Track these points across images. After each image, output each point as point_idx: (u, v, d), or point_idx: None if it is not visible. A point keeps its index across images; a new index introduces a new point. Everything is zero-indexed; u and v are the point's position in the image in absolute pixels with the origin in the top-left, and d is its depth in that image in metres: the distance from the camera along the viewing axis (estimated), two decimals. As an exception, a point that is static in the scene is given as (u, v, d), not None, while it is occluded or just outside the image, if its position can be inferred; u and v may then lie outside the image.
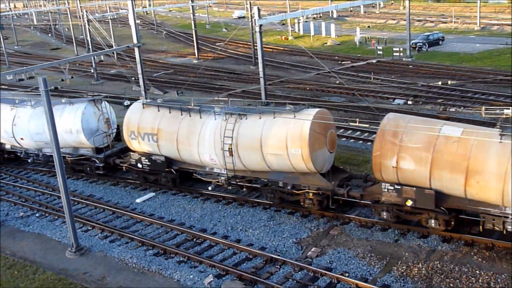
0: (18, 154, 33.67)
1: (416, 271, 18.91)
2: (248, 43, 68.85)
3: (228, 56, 70.06)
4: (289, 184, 23.85)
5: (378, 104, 37.88)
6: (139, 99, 29.91)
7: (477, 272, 18.53)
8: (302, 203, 23.98)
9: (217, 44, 78.23)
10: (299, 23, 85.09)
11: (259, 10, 39.65)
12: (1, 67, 72.25)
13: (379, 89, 45.29)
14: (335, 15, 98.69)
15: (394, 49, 59.17)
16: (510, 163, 18.21)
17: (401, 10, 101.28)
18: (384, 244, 20.95)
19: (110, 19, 74.16)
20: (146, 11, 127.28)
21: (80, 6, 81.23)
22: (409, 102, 40.72)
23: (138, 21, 41.76)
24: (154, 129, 26.84)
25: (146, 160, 27.76)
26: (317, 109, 23.49)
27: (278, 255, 20.60)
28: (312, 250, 21.02)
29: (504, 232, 19.42)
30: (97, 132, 29.64)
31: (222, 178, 25.73)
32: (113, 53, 66.50)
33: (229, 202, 26.00)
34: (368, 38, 71.76)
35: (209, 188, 26.54)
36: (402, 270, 19.06)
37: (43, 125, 29.18)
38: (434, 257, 19.75)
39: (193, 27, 68.90)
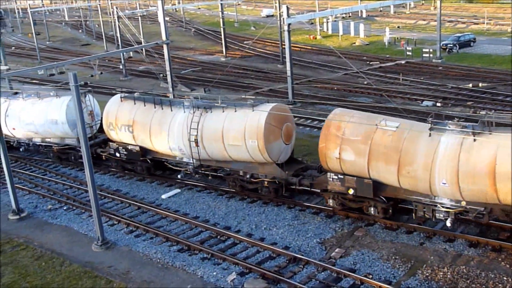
0: (11, 143, 35.25)
1: (441, 275, 18.68)
2: (276, 42, 68.78)
3: (256, 54, 70.09)
4: (248, 173, 25.66)
5: (406, 106, 37.47)
6: (166, 96, 30.25)
7: (505, 278, 18.21)
8: (259, 191, 25.78)
9: (245, 42, 78.34)
10: (327, 22, 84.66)
11: (288, 8, 39.62)
12: (33, 62, 73.50)
13: (407, 90, 44.82)
14: (364, 15, 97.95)
15: (424, 50, 58.50)
16: (437, 156, 19.62)
17: (432, 10, 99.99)
18: (409, 247, 20.75)
19: (140, 16, 74.81)
20: (175, 9, 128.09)
21: (111, 3, 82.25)
22: (438, 104, 40.23)
23: (167, 18, 42.06)
24: (130, 121, 28.72)
25: (123, 150, 29.67)
26: (274, 104, 25.17)
27: (302, 255, 20.55)
28: (336, 250, 20.93)
29: (433, 219, 20.96)
30: None
31: (190, 167, 27.50)
32: (142, 49, 66.99)
33: (253, 201, 26.03)
34: (397, 38, 71.08)
35: (179, 176, 28.48)
36: (427, 274, 18.84)
37: (32, 116, 31.69)
38: (460, 261, 19.48)
39: (221, 25, 69.12)
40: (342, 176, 22.43)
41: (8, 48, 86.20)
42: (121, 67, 60.94)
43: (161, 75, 51.28)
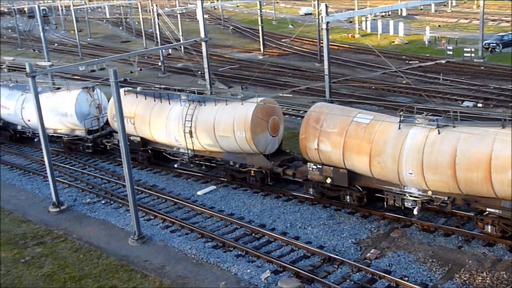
0: (27, 134, 38.06)
1: (480, 280, 18.28)
2: (314, 40, 68.45)
3: (294, 52, 69.90)
4: (237, 163, 27.40)
5: (446, 106, 36.80)
6: (204, 93, 30.57)
7: (545, 284, 17.74)
8: (247, 180, 27.42)
9: (282, 40, 78.23)
10: (366, 21, 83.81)
11: (326, 7, 39.37)
12: (74, 58, 74.95)
13: (447, 90, 44.01)
14: (404, 13, 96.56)
15: (465, 49, 57.28)
16: (404, 147, 20.85)
17: (475, 9, 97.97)
18: (446, 250, 20.37)
19: (179, 13, 75.38)
20: (214, 6, 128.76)
21: (150, 1, 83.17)
22: (479, 105, 39.38)
23: (205, 16, 42.30)
24: (131, 113, 30.38)
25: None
26: (261, 98, 26.56)
27: (337, 255, 20.42)
28: (371, 251, 20.72)
29: (403, 208, 22.15)
30: (89, 116, 33.64)
31: (185, 157, 29.19)
32: (181, 47, 67.66)
33: (289, 199, 25.99)
34: (438, 37, 69.84)
35: (175, 165, 30.20)
36: (465, 278, 18.47)
37: (45, 109, 32.18)
38: (500, 266, 19.02)
39: (259, 23, 69.13)
40: (320, 166, 23.94)
41: (51, 44, 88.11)
42: (159, 64, 61.60)
43: (199, 72, 51.63)
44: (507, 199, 19.28)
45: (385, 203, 22.66)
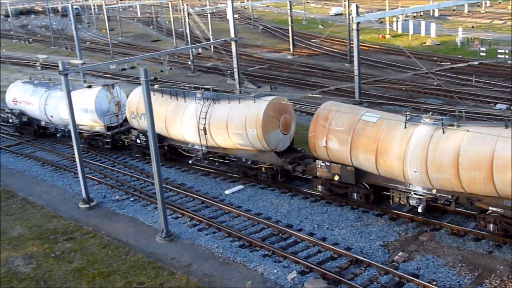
0: (50, 130, 39.35)
1: (511, 287, 17.94)
2: (344, 41, 68.04)
3: (323, 53, 69.59)
4: (249, 159, 27.92)
5: (478, 109, 36.22)
6: (233, 93, 30.70)
7: None
8: (259, 176, 28.05)
9: (312, 40, 77.95)
10: (397, 21, 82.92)
11: (357, 7, 39.12)
12: (106, 57, 75.86)
13: (480, 92, 43.27)
14: (436, 14, 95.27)
15: (498, 51, 56.25)
16: (409, 146, 21.27)
17: (509, 9, 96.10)
18: (476, 255, 20.04)
19: (209, 13, 75.76)
20: (244, 6, 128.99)
21: (181, 0, 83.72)
22: (512, 108, 38.66)
23: (236, 16, 42.40)
24: None
25: (143, 137, 32.29)
26: (273, 97, 27.28)
27: (364, 257, 20.27)
28: (399, 254, 20.50)
29: (408, 206, 22.61)
30: (108, 113, 34.55)
31: (200, 153, 29.77)
32: (211, 46, 67.98)
33: (316, 200, 25.89)
34: (470, 38, 68.72)
35: (189, 161, 30.83)
36: (496, 284, 18.14)
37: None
38: (531, 272, 18.66)
39: (289, 23, 69.03)
40: (328, 164, 24.51)
41: (84, 43, 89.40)
42: (189, 63, 61.99)
43: (229, 71, 51.80)
44: (509, 198, 19.53)
45: (390, 200, 23.22)
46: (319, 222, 23.66)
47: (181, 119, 29.66)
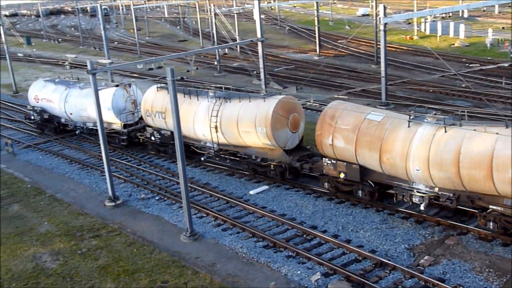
0: (70, 127, 40.26)
1: (539, 292, 17.60)
2: (371, 42, 67.58)
3: (350, 54, 69.20)
4: (259, 157, 28.58)
5: (508, 111, 35.59)
6: (259, 93, 30.72)
7: None
8: (268, 174, 28.65)
9: (339, 41, 77.58)
10: (425, 22, 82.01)
11: (384, 8, 38.80)
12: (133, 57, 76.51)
13: (509, 95, 42.52)
14: (465, 15, 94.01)
15: (529, 53, 55.28)
16: (412, 145, 21.76)
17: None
18: (505, 260, 19.69)
19: (236, 13, 75.96)
20: (271, 7, 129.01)
21: (208, 0, 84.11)
22: (543, 111, 37.87)
23: (262, 16, 42.41)
24: (163, 108, 32.18)
25: (157, 134, 33.52)
26: (283, 96, 28.13)
27: (389, 260, 20.09)
28: (425, 258, 20.26)
29: (411, 203, 22.93)
30: (125, 111, 35.59)
31: (211, 151, 30.48)
32: (237, 46, 68.13)
33: (341, 201, 25.75)
34: (501, 40, 67.63)
35: (202, 158, 31.52)
36: (523, 290, 17.82)
37: (86, 103, 36.50)
38: (560, 279, 18.26)
39: (316, 24, 68.84)
40: (334, 161, 25.09)
41: (112, 43, 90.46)
42: (215, 63, 62.23)
43: (255, 72, 51.84)
44: (509, 197, 19.77)
45: (394, 198, 23.59)
46: (343, 224, 23.52)
47: (193, 117, 30.42)
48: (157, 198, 28.19)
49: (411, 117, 22.66)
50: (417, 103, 39.92)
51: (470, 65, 56.38)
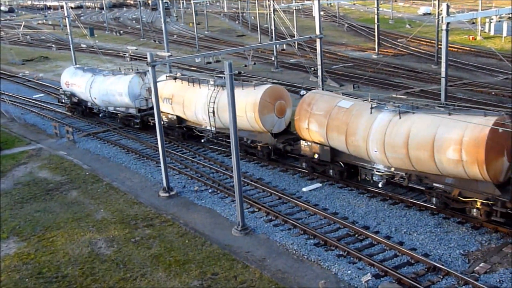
0: (95, 111, 44.32)
1: None
2: (432, 41, 65.98)
3: (409, 53, 67.81)
4: (249, 139, 31.73)
5: None
6: (315, 89, 30.80)
7: None
8: (256, 155, 31.97)
9: (399, 40, 76.12)
10: (490, 22, 79.35)
11: (448, 7, 37.74)
12: (191, 50, 77.43)
13: None
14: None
15: None
16: (371, 129, 24.41)
17: None
18: None
19: (295, 9, 75.67)
20: (330, 4, 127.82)
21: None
22: None
23: (321, 13, 42.09)
24: (169, 95, 35.40)
25: (165, 118, 36.36)
26: (270, 85, 31.14)
27: (442, 265, 19.64)
28: (481, 265, 19.67)
29: (371, 181, 25.93)
30: (139, 97, 39.15)
31: (210, 134, 33.50)
32: (295, 43, 67.87)
33: (395, 203, 25.34)
34: None
35: (202, 140, 34.96)
36: None
37: (107, 89, 40.54)
38: None
39: (375, 22, 67.73)
40: (310, 144, 28.07)
41: (171, 36, 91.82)
42: (273, 58, 62.23)
43: (312, 69, 51.57)
44: (450, 176, 22.45)
45: (359, 177, 26.68)
46: (396, 226, 23.13)
47: (195, 103, 33.59)
48: (210, 191, 28.50)
49: (374, 105, 25.19)
50: (478, 105, 38.76)
51: (537, 68, 54.20)
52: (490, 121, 20.89)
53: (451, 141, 21.57)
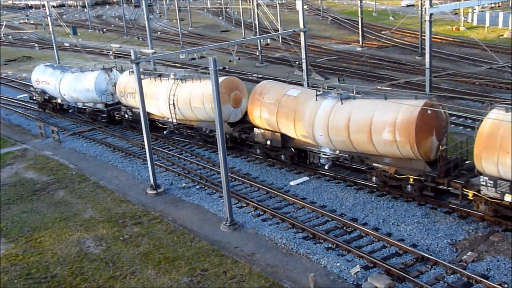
0: (65, 107, 45.64)
1: None
2: (416, 33, 66.26)
3: (393, 45, 68.11)
4: (208, 129, 33.21)
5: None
6: (301, 84, 30.87)
7: None
8: (215, 144, 30.37)
9: (382, 32, 76.36)
10: (473, 12, 79.89)
11: (431, -2, 37.88)
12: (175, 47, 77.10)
13: (560, 88, 41.14)
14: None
15: None
16: (316, 115, 25.99)
17: None
18: (551, 258, 19.14)
19: (278, 3, 75.58)
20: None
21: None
22: None
23: (305, 7, 42.10)
24: (133, 89, 35.83)
25: (130, 112, 38.43)
26: (226, 77, 32.44)
27: (430, 255, 19.78)
28: (468, 254, 19.86)
29: (319, 164, 27.72)
30: (106, 92, 40.50)
31: (171, 125, 35.31)
32: (279, 37, 67.81)
33: (383, 194, 25.46)
34: (552, 31, 65.34)
35: (164, 132, 36.67)
36: None
37: (75, 85, 41.73)
38: None
39: (359, 14, 67.90)
40: (262, 131, 29.47)
41: (155, 33, 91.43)
42: (257, 53, 62.18)
43: (297, 62, 51.58)
44: (388, 156, 24.16)
45: (307, 160, 28.35)
46: (384, 217, 23.27)
47: (157, 97, 34.91)
48: (197, 187, 28.46)
49: (319, 92, 26.70)
50: (463, 95, 39.07)
51: (519, 57, 54.66)
52: (420, 103, 22.64)
53: (386, 123, 23.29)
